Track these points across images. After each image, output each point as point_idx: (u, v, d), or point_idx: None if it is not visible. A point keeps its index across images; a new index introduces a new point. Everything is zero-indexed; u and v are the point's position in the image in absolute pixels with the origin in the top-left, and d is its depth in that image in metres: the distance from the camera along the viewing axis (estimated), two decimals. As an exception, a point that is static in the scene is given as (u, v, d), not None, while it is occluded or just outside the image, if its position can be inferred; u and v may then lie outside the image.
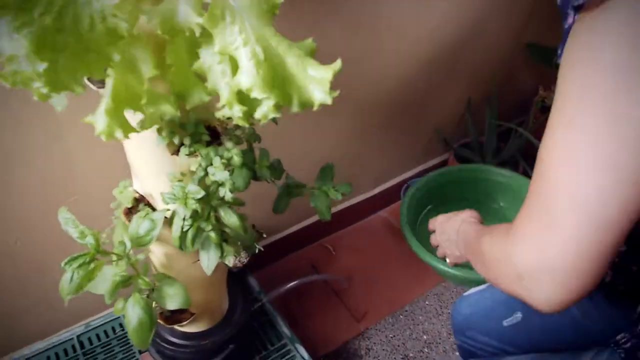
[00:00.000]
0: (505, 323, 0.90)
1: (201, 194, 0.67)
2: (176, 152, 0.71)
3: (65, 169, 0.98)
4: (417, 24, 1.31)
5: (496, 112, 1.71)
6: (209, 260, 0.74)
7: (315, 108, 0.51)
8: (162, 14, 0.52)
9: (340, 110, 1.34)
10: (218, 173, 0.65)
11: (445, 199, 1.59)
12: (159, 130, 0.65)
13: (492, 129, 1.71)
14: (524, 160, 1.69)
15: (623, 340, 0.75)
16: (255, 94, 0.50)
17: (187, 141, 0.67)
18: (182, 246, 0.70)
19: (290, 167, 1.10)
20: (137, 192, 0.82)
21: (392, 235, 1.69)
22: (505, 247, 0.54)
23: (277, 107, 0.52)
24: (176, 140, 0.67)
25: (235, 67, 0.51)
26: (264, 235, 1.35)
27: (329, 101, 0.48)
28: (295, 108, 0.52)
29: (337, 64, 0.47)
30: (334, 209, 1.60)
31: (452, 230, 0.86)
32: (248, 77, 0.49)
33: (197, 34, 0.51)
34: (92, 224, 0.95)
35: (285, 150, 1.28)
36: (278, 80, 0.48)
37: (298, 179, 0.93)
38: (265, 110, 0.51)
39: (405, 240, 1.36)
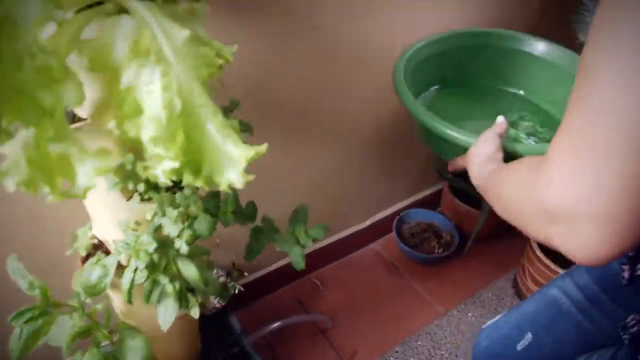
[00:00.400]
0: (519, 347, 0.86)
1: (153, 245, 0.61)
2: (132, 197, 0.65)
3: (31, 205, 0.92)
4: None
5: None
6: (165, 315, 0.68)
7: (221, 188, 0.45)
8: (95, 49, 0.47)
9: (328, 142, 1.29)
10: (169, 226, 0.59)
11: (455, 76, 1.15)
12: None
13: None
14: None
15: (632, 323, 0.71)
16: (156, 148, 0.44)
17: (141, 187, 0.61)
18: (130, 300, 0.64)
19: (273, 204, 1.04)
20: (96, 238, 0.76)
21: (385, 270, 1.62)
22: (535, 187, 0.45)
23: (179, 172, 0.46)
24: (130, 186, 0.61)
25: (137, 111, 0.45)
26: (245, 274, 1.29)
27: (239, 185, 0.43)
28: (199, 182, 0.45)
29: (262, 148, 0.42)
30: (323, 242, 1.54)
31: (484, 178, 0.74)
32: (153, 126, 0.43)
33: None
34: (60, 268, 0.89)
35: (267, 184, 1.23)
36: (191, 144, 0.43)
37: (283, 215, 0.87)
38: (164, 168, 0.44)
39: (401, 99, 0.95)
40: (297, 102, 1.15)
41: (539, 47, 1.11)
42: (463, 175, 0.85)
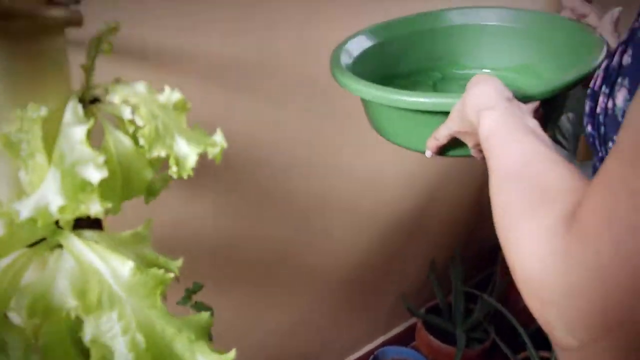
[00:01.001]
0: None
1: None
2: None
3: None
4: (370, 198, 1.27)
5: (462, 274, 1.63)
6: None
7: None
8: (34, 292, 0.43)
9: (293, 286, 1.25)
10: None
11: (399, 66, 0.92)
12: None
13: (460, 293, 1.62)
14: (493, 325, 1.59)
15: None
16: None
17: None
18: None
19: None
20: None
21: (360, 416, 1.52)
22: (565, 257, 0.30)
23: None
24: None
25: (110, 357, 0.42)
26: None
27: None
28: None
29: (230, 355, 0.41)
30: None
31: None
32: None
33: (73, 316, 0.42)
34: None
35: (231, 343, 1.16)
36: None
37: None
38: None
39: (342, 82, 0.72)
40: (262, 260, 1.12)
41: (488, 15, 0.94)
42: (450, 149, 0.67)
